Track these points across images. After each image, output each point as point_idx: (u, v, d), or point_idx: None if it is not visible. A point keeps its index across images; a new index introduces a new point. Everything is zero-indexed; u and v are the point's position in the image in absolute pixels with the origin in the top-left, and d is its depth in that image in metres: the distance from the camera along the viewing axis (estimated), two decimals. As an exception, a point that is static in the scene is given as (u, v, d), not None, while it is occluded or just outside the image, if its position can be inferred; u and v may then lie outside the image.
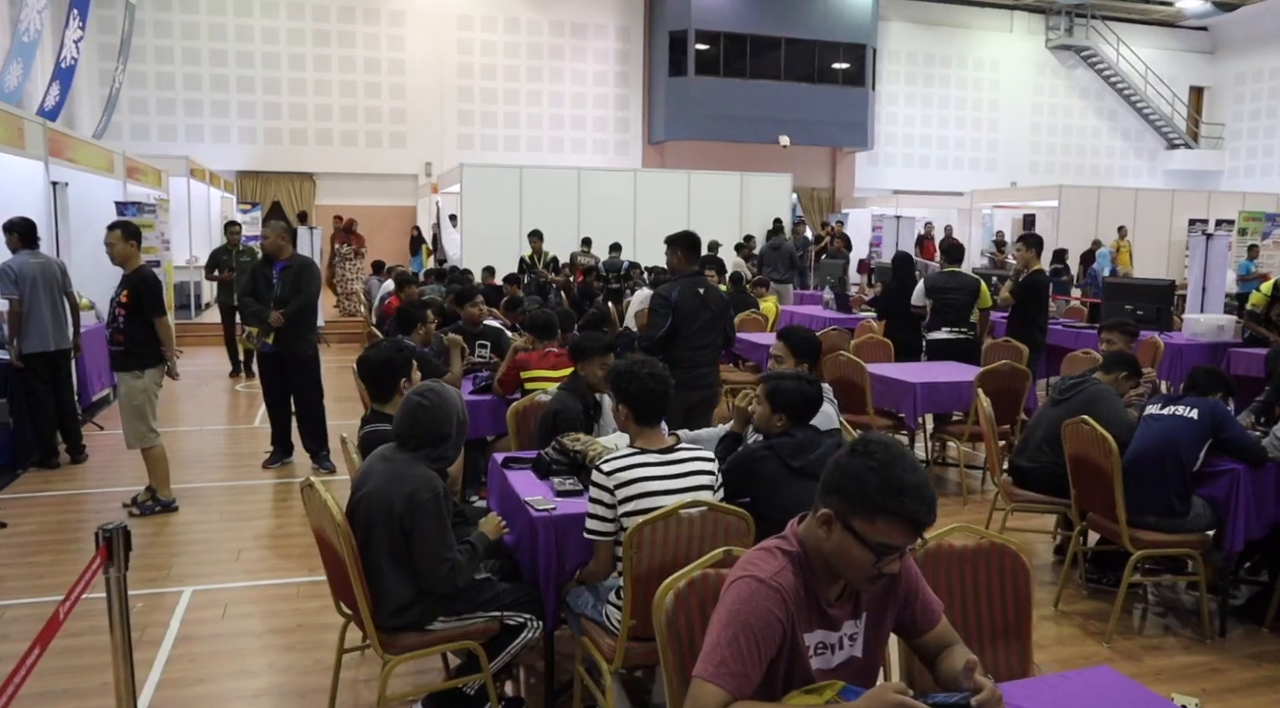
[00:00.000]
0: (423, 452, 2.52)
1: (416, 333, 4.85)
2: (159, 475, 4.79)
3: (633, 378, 2.53)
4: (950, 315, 6.31)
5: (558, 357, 4.47)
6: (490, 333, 5.44)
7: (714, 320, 4.68)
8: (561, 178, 13.42)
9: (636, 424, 2.53)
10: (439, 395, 2.55)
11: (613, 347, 3.65)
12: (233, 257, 8.86)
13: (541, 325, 4.62)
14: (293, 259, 5.51)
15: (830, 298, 10.08)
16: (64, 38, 13.37)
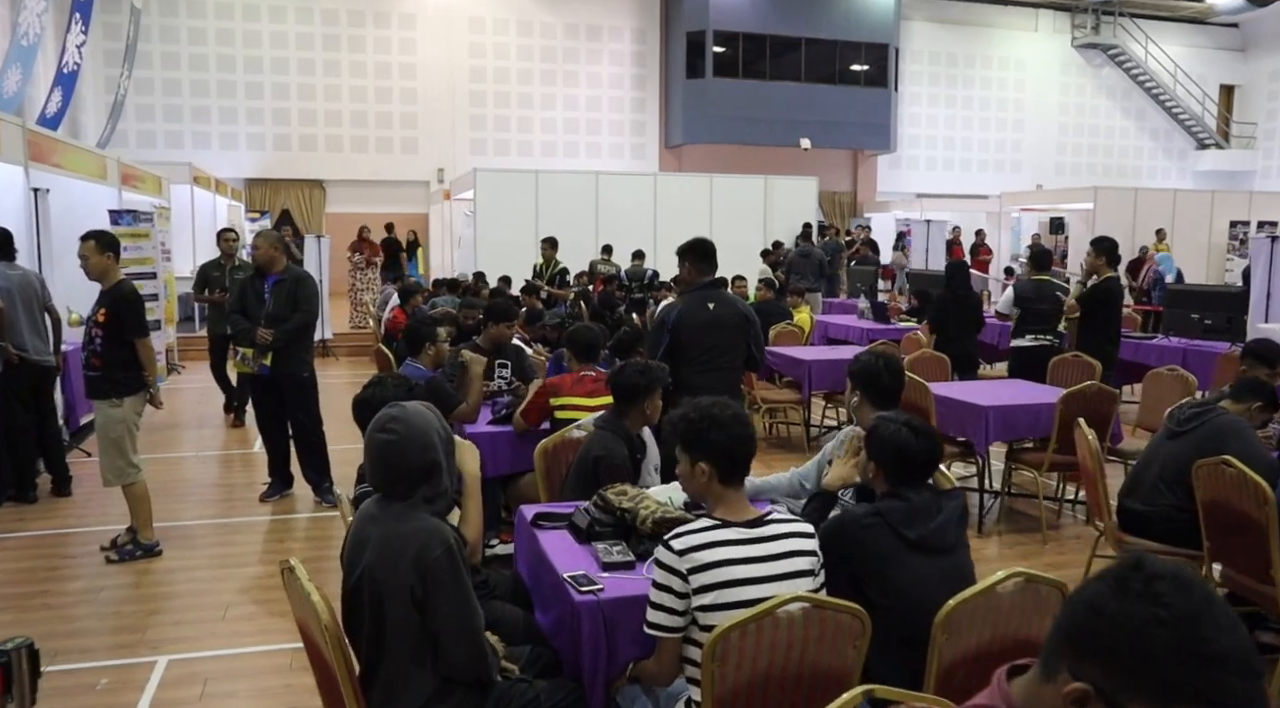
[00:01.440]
0: (417, 495, 1.97)
1: (425, 353, 4.26)
2: (140, 515, 4.26)
3: (714, 425, 1.94)
4: (1039, 323, 5.99)
5: (594, 382, 3.90)
6: (510, 352, 4.89)
7: (729, 340, 4.05)
8: (578, 182, 12.91)
9: (721, 485, 1.97)
10: (403, 422, 1.99)
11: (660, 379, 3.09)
12: (226, 273, 7.05)
13: (584, 346, 3.99)
14: (287, 272, 4.98)
15: (866, 307, 9.50)
16: (66, 42, 12.99)
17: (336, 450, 5.37)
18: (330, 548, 4.50)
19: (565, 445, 3.17)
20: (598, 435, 2.94)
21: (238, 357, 5.00)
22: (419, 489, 1.96)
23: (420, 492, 1.96)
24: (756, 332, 4.11)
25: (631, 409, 2.97)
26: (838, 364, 6.40)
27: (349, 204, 18.30)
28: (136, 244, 7.75)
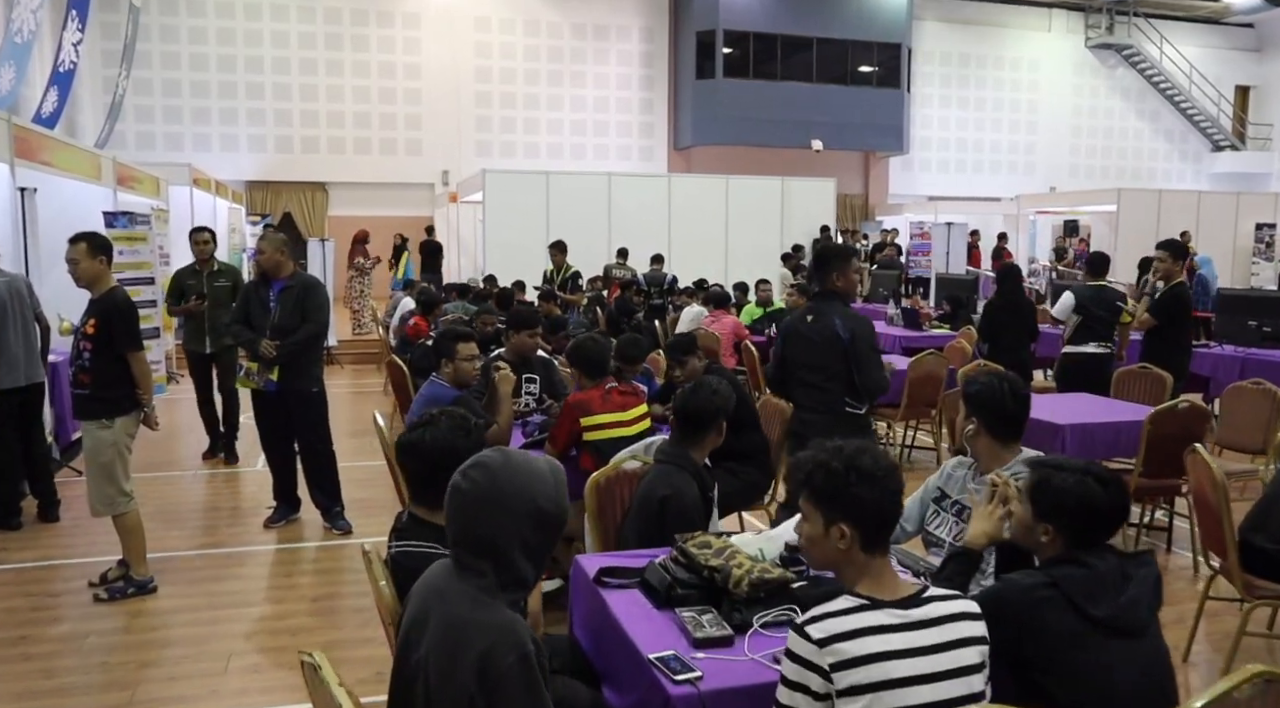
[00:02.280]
0: (493, 576, 1.53)
1: (444, 369, 3.83)
2: (133, 549, 3.84)
3: (862, 479, 1.52)
4: (1099, 330, 5.66)
5: (624, 394, 3.49)
6: (538, 365, 4.47)
7: (821, 359, 3.61)
8: (590, 184, 12.51)
9: (865, 553, 1.55)
10: (488, 474, 1.53)
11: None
12: (202, 279, 6.02)
13: (591, 361, 3.60)
14: (294, 278, 4.56)
15: (895, 313, 9.09)
16: (61, 40, 12.60)
17: (344, 468, 4.95)
18: (343, 584, 4.08)
19: (620, 479, 2.75)
20: (661, 471, 2.52)
21: (240, 371, 4.58)
22: (490, 567, 1.52)
23: (496, 575, 1.52)
24: (858, 352, 3.52)
25: (701, 438, 2.56)
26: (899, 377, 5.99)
27: (352, 207, 17.90)
28: (133, 248, 7.34)
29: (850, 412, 3.54)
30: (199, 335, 6.03)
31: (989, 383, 2.33)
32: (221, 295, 5.93)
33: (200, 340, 6.03)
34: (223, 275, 6.08)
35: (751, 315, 8.43)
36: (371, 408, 8.49)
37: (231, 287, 5.95)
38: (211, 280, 6.04)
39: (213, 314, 5.92)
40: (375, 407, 8.31)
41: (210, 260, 6.07)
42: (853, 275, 3.71)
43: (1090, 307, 5.70)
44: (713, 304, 7.66)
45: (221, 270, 6.13)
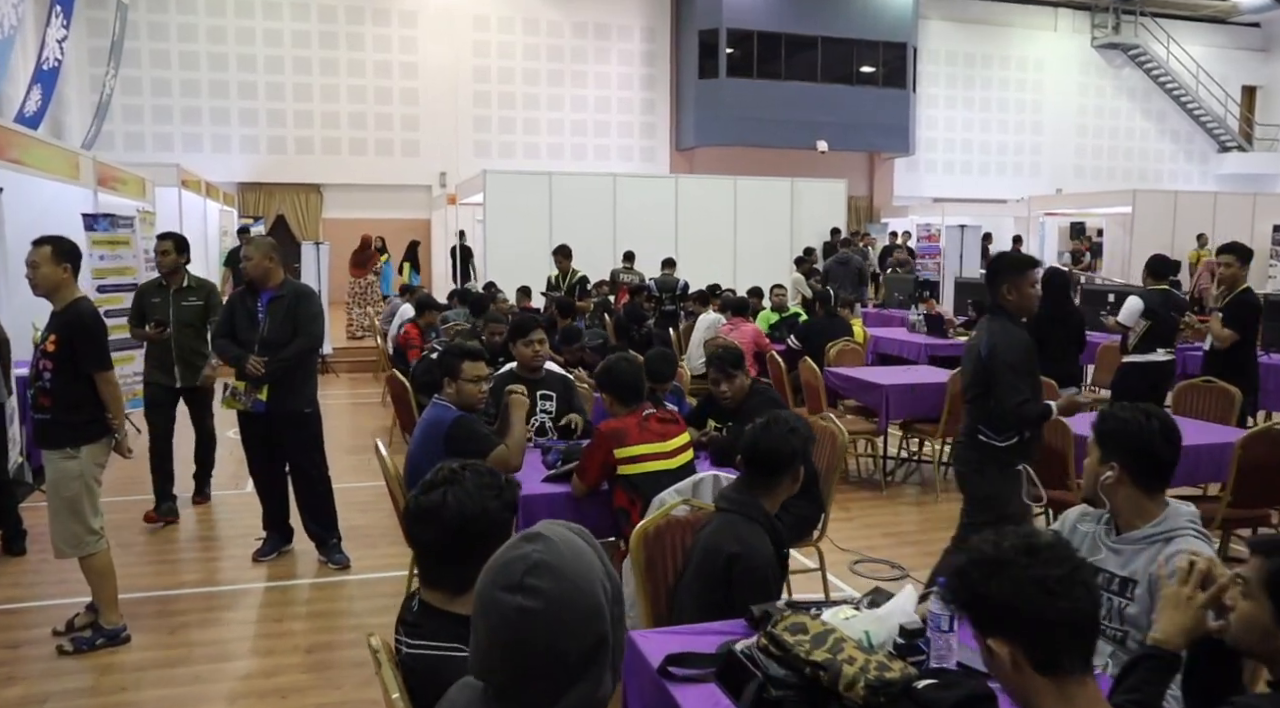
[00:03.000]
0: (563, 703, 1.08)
1: (446, 388, 3.38)
2: (103, 594, 3.39)
3: (1063, 589, 1.13)
4: (1167, 336, 5.38)
5: (663, 421, 3.06)
6: (556, 381, 4.04)
7: (967, 380, 3.27)
8: (595, 185, 12.09)
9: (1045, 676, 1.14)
10: (553, 577, 1.09)
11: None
12: (168, 298, 4.91)
13: (624, 385, 3.13)
14: (284, 287, 4.11)
15: (917, 319, 8.67)
16: (45, 36, 12.14)
17: (341, 490, 4.51)
18: (340, 629, 3.65)
19: (671, 530, 2.32)
20: (726, 523, 2.08)
21: (226, 391, 4.15)
22: (571, 690, 1.07)
23: (570, 698, 1.07)
24: (998, 374, 3.06)
25: (774, 484, 2.13)
26: (922, 390, 5.58)
27: (347, 209, 17.47)
28: (115, 252, 6.89)
29: (985, 441, 3.11)
30: (165, 366, 4.92)
31: (1133, 420, 1.91)
32: (190, 317, 4.89)
33: (168, 371, 4.92)
34: (192, 293, 4.95)
35: (767, 322, 8.01)
36: (370, 421, 8.11)
37: (203, 306, 4.92)
38: (179, 299, 4.92)
39: (181, 340, 4.88)
40: (373, 419, 7.87)
41: (179, 274, 4.93)
42: (1028, 290, 3.20)
43: (1160, 311, 5.35)
44: (730, 311, 7.24)
45: (191, 287, 4.97)
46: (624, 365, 3.14)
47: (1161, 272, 5.60)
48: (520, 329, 3.99)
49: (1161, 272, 5.60)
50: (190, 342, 4.91)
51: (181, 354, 4.91)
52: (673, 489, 2.61)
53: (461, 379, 3.28)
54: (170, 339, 4.89)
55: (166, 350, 4.91)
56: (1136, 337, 5.45)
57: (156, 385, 4.97)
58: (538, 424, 3.91)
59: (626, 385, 3.10)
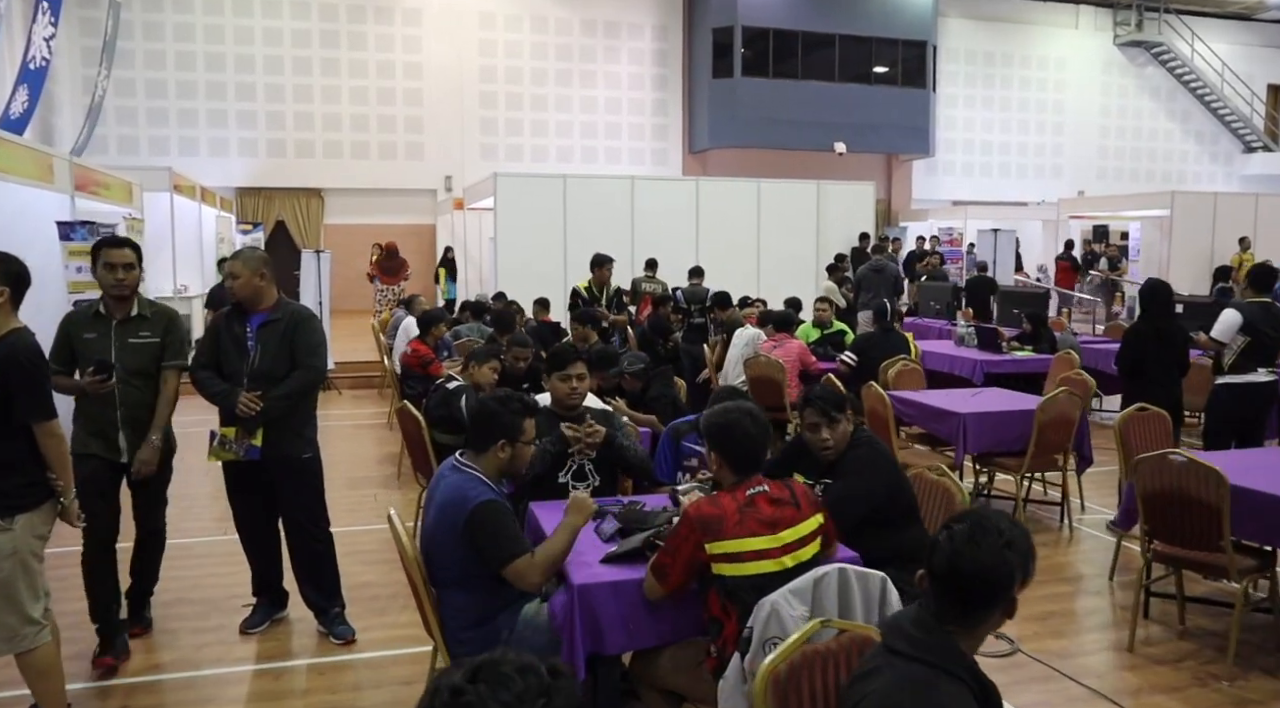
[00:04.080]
0: None
1: (494, 454, 2.61)
2: (47, 697, 2.70)
3: None
4: (1268, 354, 4.79)
5: (776, 502, 2.28)
6: (599, 419, 3.38)
7: None
8: (611, 188, 11.46)
9: None
10: None
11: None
12: (110, 333, 3.36)
13: (745, 453, 2.32)
14: (278, 309, 3.46)
15: (967, 332, 8.01)
16: (32, 33, 11.55)
17: (342, 536, 3.84)
18: (345, 730, 2.99)
19: (810, 663, 1.67)
20: (910, 680, 1.40)
21: (213, 440, 3.41)
22: None
23: None
24: None
25: (983, 620, 1.46)
26: (1004, 419, 4.92)
27: (350, 215, 16.86)
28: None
29: None
30: (105, 432, 3.31)
31: None
32: (144, 361, 3.34)
33: (109, 440, 3.32)
34: (146, 325, 3.37)
35: (807, 337, 7.35)
36: (374, 446, 7.26)
37: (159, 344, 3.37)
38: (125, 334, 3.32)
39: (131, 394, 3.31)
40: (378, 445, 7.19)
41: (129, 300, 3.36)
42: None
43: (1260, 326, 4.71)
44: (773, 326, 6.59)
45: (145, 317, 3.38)
46: (747, 424, 2.32)
47: (1265, 283, 4.95)
48: (558, 360, 3.33)
49: (1265, 283, 4.95)
50: (143, 395, 3.33)
51: (131, 415, 3.30)
52: (784, 590, 1.96)
53: (521, 440, 2.60)
54: (114, 393, 3.24)
55: (108, 408, 3.27)
56: (1233, 354, 4.82)
57: (93, 461, 3.27)
58: (574, 467, 3.27)
59: (746, 452, 2.30)
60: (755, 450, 2.30)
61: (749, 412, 2.34)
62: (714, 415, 2.36)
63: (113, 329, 3.34)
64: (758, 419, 2.34)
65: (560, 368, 3.30)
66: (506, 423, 2.59)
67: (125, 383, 3.29)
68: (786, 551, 2.16)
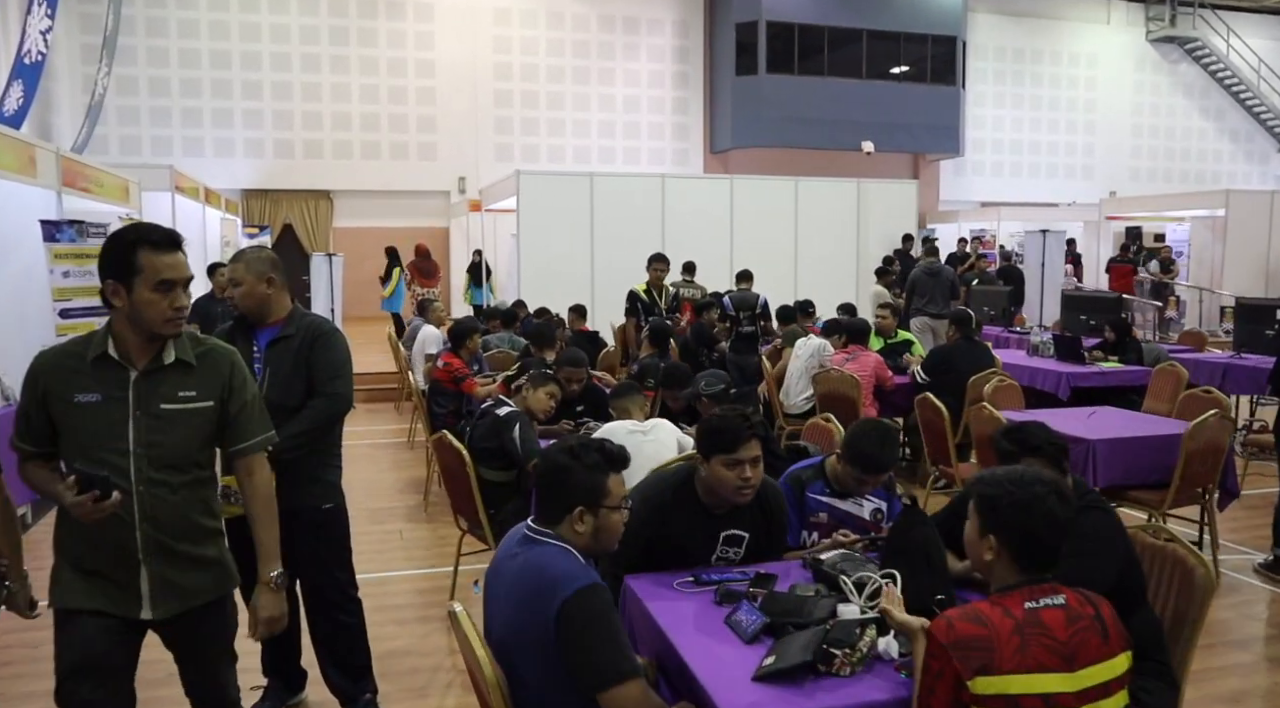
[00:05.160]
0: None
1: (572, 524, 1.89)
2: None
3: None
4: None
5: (1073, 622, 1.53)
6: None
7: None
8: (641, 187, 10.78)
9: None
10: None
11: None
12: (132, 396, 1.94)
13: (1038, 542, 1.61)
14: (291, 322, 2.73)
15: (1044, 341, 7.30)
16: (27, 26, 10.93)
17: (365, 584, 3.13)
18: None
19: None
20: None
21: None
22: None
23: None
24: None
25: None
26: (1139, 445, 4.19)
27: (360, 217, 16.23)
28: (85, 267, 5.57)
29: None
30: (114, 569, 1.98)
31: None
32: (183, 439, 2.01)
33: (119, 586, 1.99)
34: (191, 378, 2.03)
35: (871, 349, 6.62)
36: (394, 470, 6.22)
37: (214, 409, 2.06)
38: (152, 394, 1.97)
39: (159, 502, 1.97)
40: (399, 468, 6.44)
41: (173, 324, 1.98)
42: None
43: None
44: (845, 336, 5.87)
45: (188, 364, 2.02)
46: (1052, 503, 1.60)
47: None
48: (725, 439, 2.33)
49: None
50: (184, 502, 2.01)
51: (161, 538, 1.98)
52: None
53: (606, 505, 1.88)
54: (131, 503, 1.93)
55: (118, 528, 1.94)
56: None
57: (91, 621, 1.96)
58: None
59: (1045, 544, 1.60)
60: (1057, 542, 1.58)
61: (1053, 485, 1.61)
62: (1001, 485, 1.61)
63: (131, 387, 1.94)
64: (1065, 495, 1.61)
65: (729, 449, 2.33)
66: (583, 483, 1.87)
67: (152, 483, 1.93)
68: (1084, 700, 1.44)
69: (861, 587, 2.03)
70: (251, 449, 2.14)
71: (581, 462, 1.88)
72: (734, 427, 2.33)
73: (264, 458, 2.17)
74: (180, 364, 2.00)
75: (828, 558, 2.24)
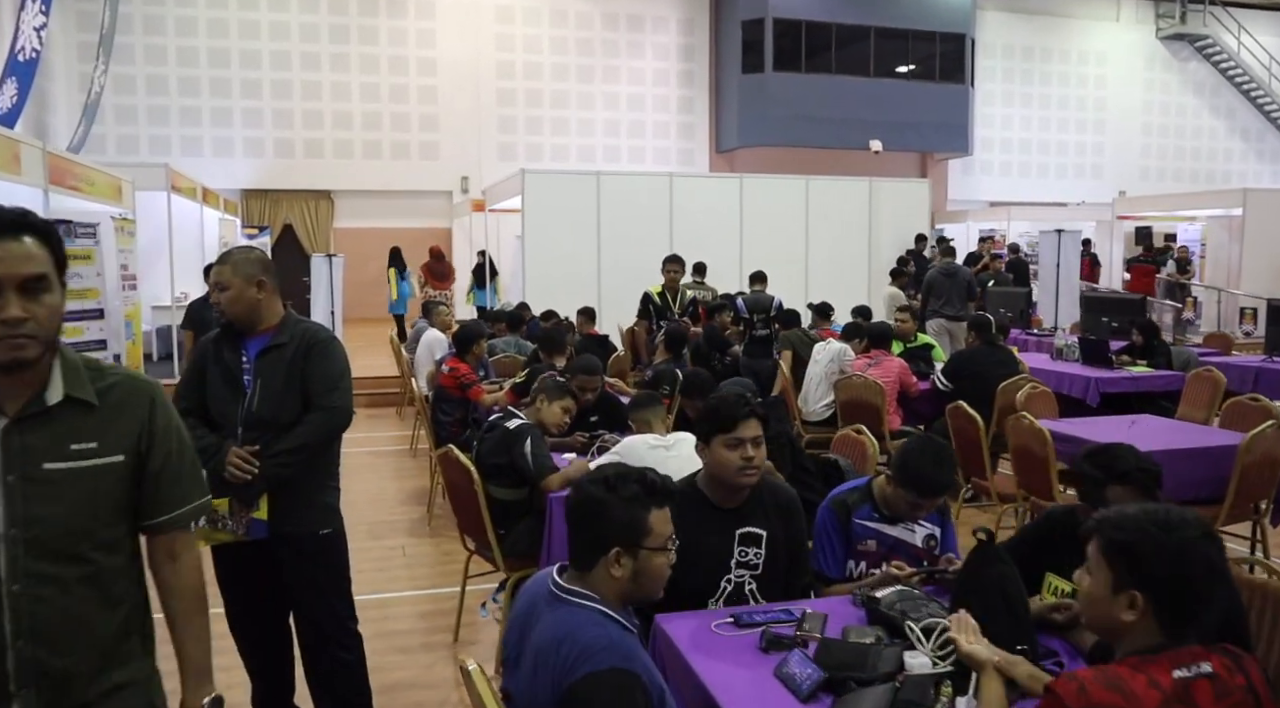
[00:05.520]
0: None
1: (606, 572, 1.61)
2: None
3: None
4: None
5: (1223, 697, 1.26)
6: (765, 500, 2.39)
7: None
8: (648, 186, 10.54)
9: None
10: None
11: None
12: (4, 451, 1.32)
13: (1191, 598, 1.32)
14: (284, 330, 2.48)
15: (1067, 345, 7.04)
16: (20, 22, 10.71)
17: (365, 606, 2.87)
18: None
19: None
20: None
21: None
22: None
23: None
24: None
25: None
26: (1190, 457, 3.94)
27: (361, 218, 16.00)
28: (73, 269, 5.32)
29: None
30: None
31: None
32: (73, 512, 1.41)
33: None
34: (89, 424, 1.43)
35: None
36: (395, 480, 5.91)
37: (126, 466, 1.47)
38: (31, 451, 1.38)
39: (39, 605, 1.37)
40: (401, 478, 6.19)
41: (30, 366, 1.37)
42: None
43: None
44: (868, 340, 5.62)
45: (85, 404, 1.43)
46: (1205, 549, 1.33)
47: None
48: (722, 417, 2.19)
49: None
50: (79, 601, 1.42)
51: (40, 657, 1.38)
52: None
53: (647, 546, 1.61)
54: (4, 618, 1.36)
55: None
56: None
57: None
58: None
59: (1198, 601, 1.34)
60: (1212, 599, 1.33)
61: (1202, 526, 1.35)
62: (1144, 530, 1.34)
63: None
64: (1216, 539, 1.36)
65: (728, 428, 2.19)
66: (620, 519, 1.59)
67: (30, 580, 1.37)
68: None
69: (930, 632, 1.78)
70: (177, 523, 1.54)
71: (619, 495, 1.60)
72: (732, 404, 2.20)
73: (192, 537, 1.60)
74: (73, 405, 1.40)
75: (884, 596, 1.99)
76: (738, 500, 2.24)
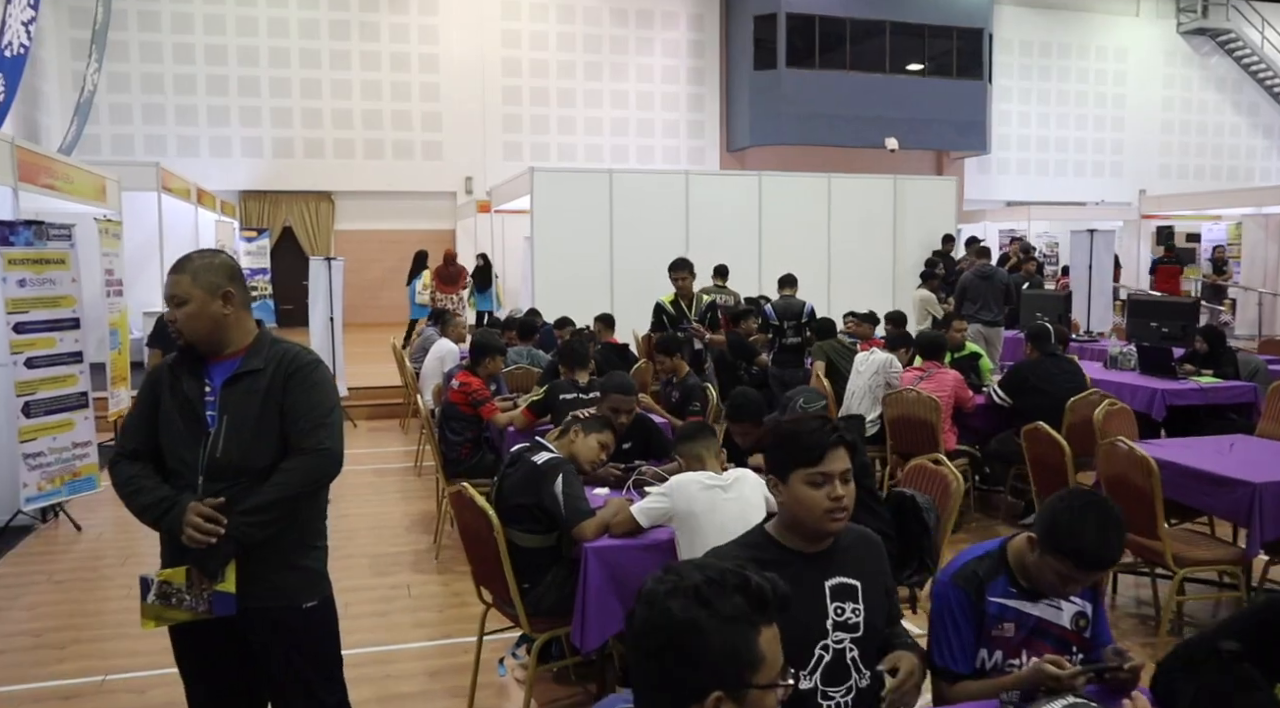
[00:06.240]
0: None
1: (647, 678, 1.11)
2: None
3: None
4: None
5: None
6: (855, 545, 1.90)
7: None
8: (663, 185, 10.04)
9: None
10: None
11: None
12: None
13: None
14: (256, 353, 1.99)
15: (1124, 353, 6.53)
16: (7, 16, 10.24)
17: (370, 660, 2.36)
18: None
19: None
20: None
21: (149, 591, 1.84)
22: None
23: None
24: None
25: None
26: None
27: (362, 219, 15.53)
28: (43, 275, 4.84)
29: None
30: None
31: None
32: None
33: None
34: None
35: (934, 361, 5.85)
36: (400, 502, 5.40)
37: None
38: None
39: None
40: (406, 501, 5.64)
41: None
42: None
43: None
44: (919, 350, 5.12)
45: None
46: None
47: None
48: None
49: None
50: None
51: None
52: None
53: (758, 684, 1.08)
54: None
55: None
56: None
57: None
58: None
59: None
60: None
61: None
62: None
63: None
64: None
65: (813, 461, 1.71)
66: (721, 650, 1.09)
67: None
68: None
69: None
70: None
71: (717, 614, 1.09)
72: (815, 432, 1.73)
73: None
74: None
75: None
76: (820, 545, 1.77)
